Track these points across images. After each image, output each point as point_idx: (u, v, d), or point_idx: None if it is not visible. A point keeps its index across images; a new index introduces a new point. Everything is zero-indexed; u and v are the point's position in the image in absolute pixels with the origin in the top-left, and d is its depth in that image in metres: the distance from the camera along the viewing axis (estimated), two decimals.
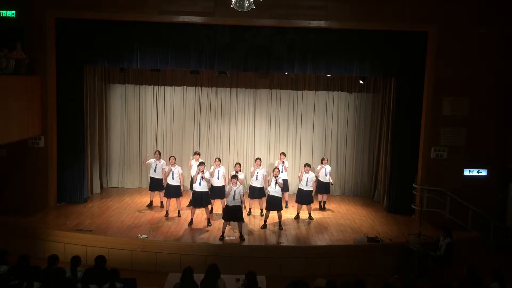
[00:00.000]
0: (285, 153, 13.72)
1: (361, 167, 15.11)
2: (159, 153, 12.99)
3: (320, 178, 13.20)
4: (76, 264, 7.59)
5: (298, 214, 12.68)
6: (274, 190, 11.56)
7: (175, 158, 12.60)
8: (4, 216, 11.49)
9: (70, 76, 12.59)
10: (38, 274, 7.25)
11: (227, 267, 8.83)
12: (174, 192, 12.34)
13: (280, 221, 11.82)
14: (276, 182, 11.53)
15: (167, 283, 7.72)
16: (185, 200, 13.02)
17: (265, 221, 11.89)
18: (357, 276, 7.62)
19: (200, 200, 11.65)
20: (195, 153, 13.20)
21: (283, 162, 13.14)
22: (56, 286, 6.97)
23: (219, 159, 12.50)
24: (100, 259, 7.71)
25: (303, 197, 12.47)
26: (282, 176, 12.45)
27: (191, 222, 11.78)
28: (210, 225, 11.71)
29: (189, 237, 11.06)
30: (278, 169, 11.95)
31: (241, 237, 10.92)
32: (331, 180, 13.33)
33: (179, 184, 12.30)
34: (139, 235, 10.80)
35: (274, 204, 11.68)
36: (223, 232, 10.96)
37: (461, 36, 12.25)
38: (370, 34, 12.53)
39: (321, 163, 13.37)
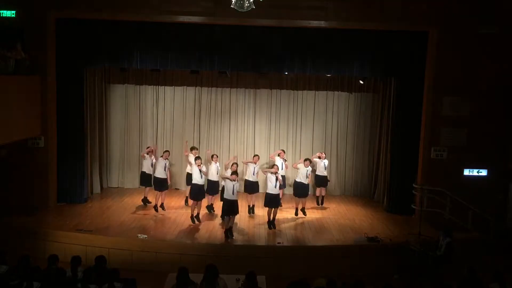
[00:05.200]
0: (285, 150, 13.76)
1: (361, 167, 15.11)
2: (168, 153, 13.05)
3: (318, 172, 13.29)
4: (77, 264, 7.59)
5: (297, 209, 12.71)
6: (274, 187, 11.59)
7: (169, 153, 12.95)
8: (4, 216, 11.49)
9: (70, 76, 12.59)
10: (38, 274, 7.26)
11: (227, 267, 8.81)
12: (161, 184, 12.51)
13: (274, 219, 11.81)
14: (277, 179, 11.59)
15: (167, 283, 7.73)
16: (177, 198, 13.25)
17: (272, 219, 11.82)
18: (357, 276, 7.62)
19: (199, 193, 11.81)
20: (192, 148, 13.18)
21: (285, 160, 13.17)
22: (56, 286, 6.98)
23: (216, 156, 12.71)
24: (100, 259, 7.71)
25: (304, 190, 12.57)
26: (281, 172, 12.54)
27: (198, 217, 11.86)
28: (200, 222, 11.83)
29: (189, 237, 11.06)
30: (277, 165, 12.02)
31: (231, 233, 10.98)
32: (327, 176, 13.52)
33: (166, 177, 12.56)
34: (139, 235, 10.79)
35: (274, 201, 11.72)
36: (231, 227, 11.03)
37: (461, 36, 12.24)
38: (370, 34, 12.52)
39: (319, 157, 13.42)
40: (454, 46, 12.26)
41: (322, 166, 13.37)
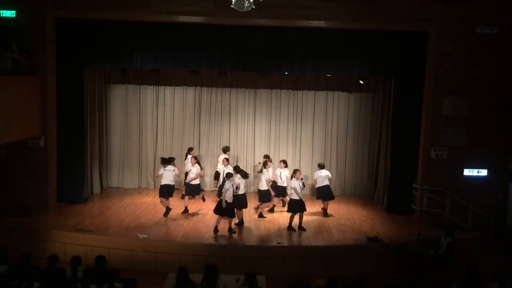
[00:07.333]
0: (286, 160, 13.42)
1: (361, 167, 15.11)
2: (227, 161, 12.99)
3: (279, 183, 12.75)
4: (77, 264, 7.59)
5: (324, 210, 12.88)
6: (300, 192, 11.58)
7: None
8: (4, 216, 11.48)
9: (70, 76, 12.59)
10: (38, 274, 7.26)
11: (227, 267, 8.83)
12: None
13: (301, 222, 11.74)
14: (304, 184, 11.89)
15: (167, 283, 7.74)
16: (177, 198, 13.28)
17: (290, 223, 11.71)
18: (357, 276, 7.61)
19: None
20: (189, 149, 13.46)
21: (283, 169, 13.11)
22: (56, 286, 6.98)
23: (227, 160, 12.85)
24: (101, 259, 7.71)
25: (329, 192, 12.88)
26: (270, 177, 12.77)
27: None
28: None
29: (189, 237, 11.06)
30: (299, 170, 12.05)
31: (216, 231, 11.16)
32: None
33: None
34: (139, 235, 10.79)
35: (298, 206, 11.63)
36: (216, 226, 11.22)
37: (461, 36, 12.25)
38: (370, 34, 12.52)
39: (286, 168, 12.93)
40: (454, 46, 12.27)
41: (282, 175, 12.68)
